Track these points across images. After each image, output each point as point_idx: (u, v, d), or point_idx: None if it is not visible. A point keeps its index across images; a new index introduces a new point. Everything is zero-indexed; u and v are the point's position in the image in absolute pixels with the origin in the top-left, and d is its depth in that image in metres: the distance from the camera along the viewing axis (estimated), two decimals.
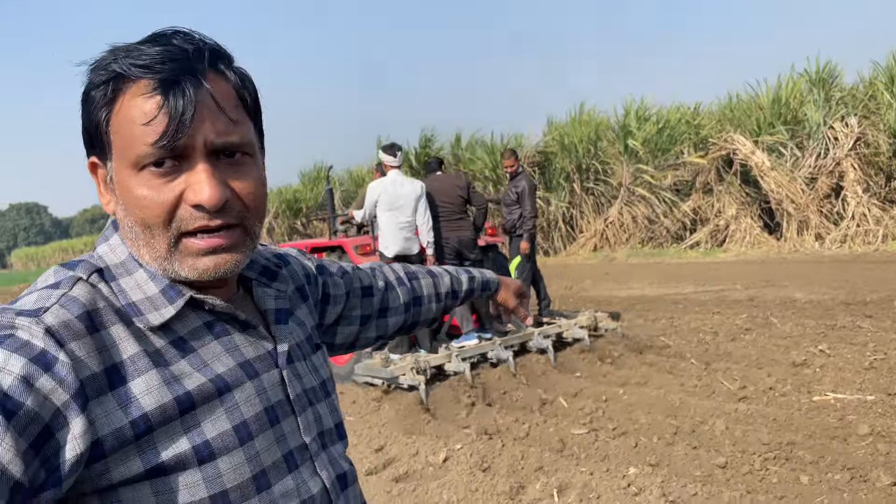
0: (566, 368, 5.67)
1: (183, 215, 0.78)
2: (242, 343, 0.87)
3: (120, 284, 0.81)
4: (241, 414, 0.81)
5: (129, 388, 0.74)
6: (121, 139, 0.77)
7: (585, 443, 4.03)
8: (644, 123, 16.08)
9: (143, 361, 0.76)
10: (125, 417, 0.72)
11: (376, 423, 4.86)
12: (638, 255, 14.93)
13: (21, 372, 0.66)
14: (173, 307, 0.80)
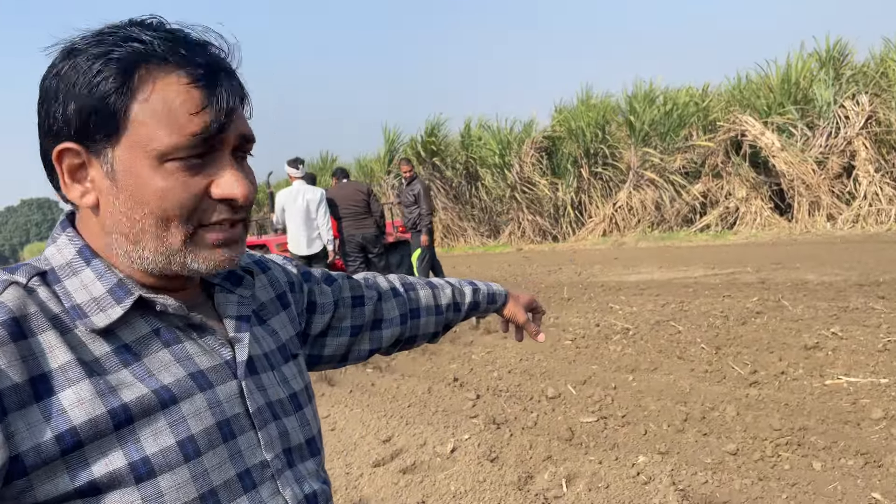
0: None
1: (205, 208, 0.77)
2: (196, 352, 0.81)
3: (64, 286, 0.76)
4: (187, 428, 0.75)
5: (58, 400, 0.68)
6: (146, 128, 0.72)
7: (594, 431, 3.99)
8: (651, 105, 15.92)
9: (76, 371, 0.70)
10: (50, 431, 0.67)
11: (384, 414, 4.84)
12: (647, 239, 14.83)
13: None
14: (121, 307, 0.75)
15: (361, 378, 5.89)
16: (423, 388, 5.27)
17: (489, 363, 5.77)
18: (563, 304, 7.94)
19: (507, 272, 12.16)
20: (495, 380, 5.26)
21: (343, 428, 4.73)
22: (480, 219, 19.70)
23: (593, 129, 16.65)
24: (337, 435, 4.61)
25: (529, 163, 17.24)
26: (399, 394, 5.28)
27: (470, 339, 6.72)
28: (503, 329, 1.45)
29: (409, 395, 5.18)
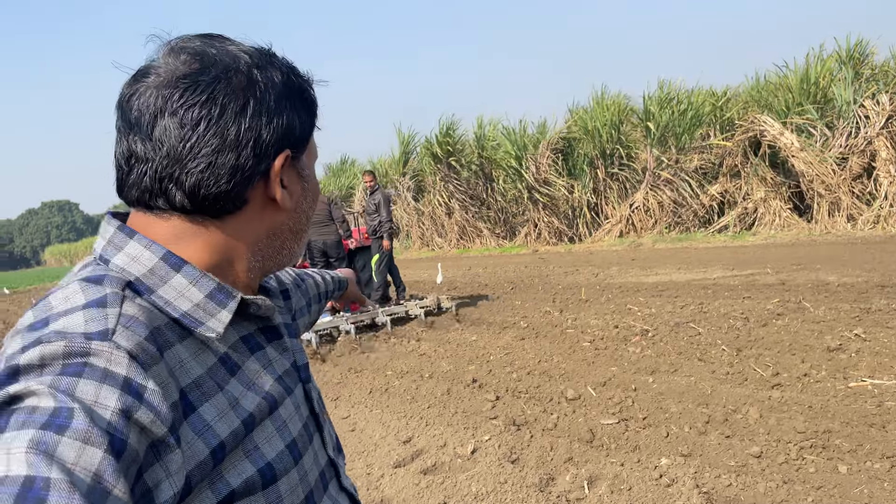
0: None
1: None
2: (274, 357, 0.83)
3: (161, 296, 0.72)
4: (289, 432, 0.77)
5: (202, 415, 0.68)
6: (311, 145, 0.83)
7: (615, 433, 3.97)
8: (667, 106, 15.84)
9: (209, 383, 0.70)
10: (205, 448, 0.66)
11: (403, 415, 4.85)
12: (665, 240, 14.75)
13: (118, 405, 0.58)
14: (227, 310, 0.74)
15: (380, 379, 5.90)
16: (442, 390, 5.28)
17: (507, 364, 5.76)
18: (580, 306, 7.92)
19: (524, 273, 12.14)
20: (514, 381, 5.26)
21: (363, 429, 4.74)
22: (496, 220, 19.69)
23: (609, 129, 16.60)
24: (357, 435, 4.63)
25: (545, 164, 17.20)
26: (418, 395, 5.29)
27: (486, 341, 6.72)
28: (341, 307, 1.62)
29: (429, 397, 5.19)
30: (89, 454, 0.52)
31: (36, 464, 0.49)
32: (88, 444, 0.53)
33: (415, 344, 7.10)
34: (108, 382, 0.58)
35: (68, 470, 0.50)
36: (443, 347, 6.74)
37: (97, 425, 0.54)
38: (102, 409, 0.56)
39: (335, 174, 27.52)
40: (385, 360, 6.58)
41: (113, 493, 0.52)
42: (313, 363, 6.91)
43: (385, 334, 7.77)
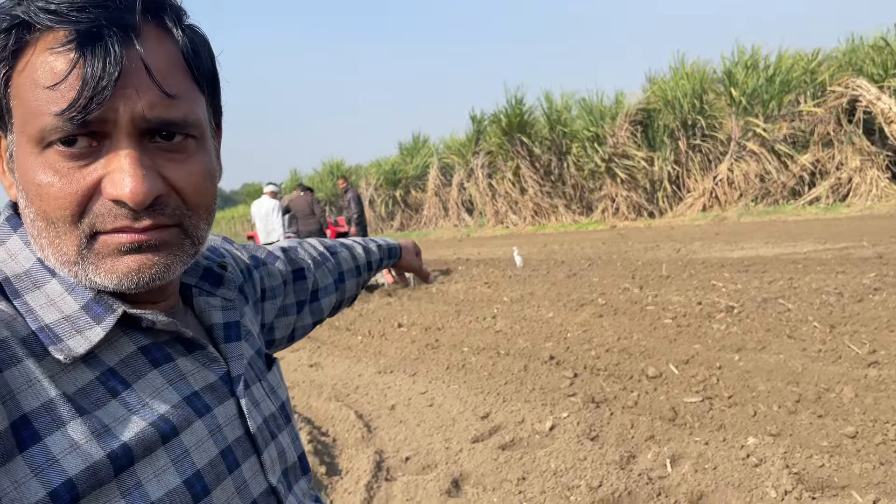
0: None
1: (99, 210, 0.60)
2: (189, 370, 0.68)
3: (27, 302, 0.61)
4: (192, 463, 0.63)
5: (46, 447, 0.54)
6: (22, 105, 0.59)
7: (699, 412, 3.86)
8: (753, 71, 15.10)
9: (64, 408, 0.57)
10: (42, 488, 0.53)
11: (480, 391, 4.87)
12: (751, 213, 14.16)
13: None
14: (101, 327, 0.61)
15: (457, 355, 5.94)
16: (519, 366, 5.27)
17: (585, 342, 5.69)
18: (661, 282, 7.72)
19: (602, 249, 11.92)
20: (592, 358, 5.18)
21: (441, 404, 4.79)
22: (571, 195, 19.38)
23: (690, 98, 15.99)
24: (435, 410, 4.68)
25: (624, 136, 16.77)
26: (495, 371, 5.30)
27: (563, 318, 6.65)
28: (399, 279, 1.43)
29: (505, 373, 5.19)
30: None
31: None
32: None
33: (490, 321, 7.10)
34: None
35: None
36: (519, 324, 6.71)
37: None
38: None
39: (409, 153, 27.69)
40: (462, 336, 6.61)
41: None
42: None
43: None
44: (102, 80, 0.56)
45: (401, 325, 7.79)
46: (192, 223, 0.65)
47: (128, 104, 0.58)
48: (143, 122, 0.59)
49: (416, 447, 4.07)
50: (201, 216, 0.66)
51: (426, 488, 3.51)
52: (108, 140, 0.59)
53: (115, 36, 0.57)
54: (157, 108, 0.60)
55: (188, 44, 0.64)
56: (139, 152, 0.60)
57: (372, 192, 28.60)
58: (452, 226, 24.18)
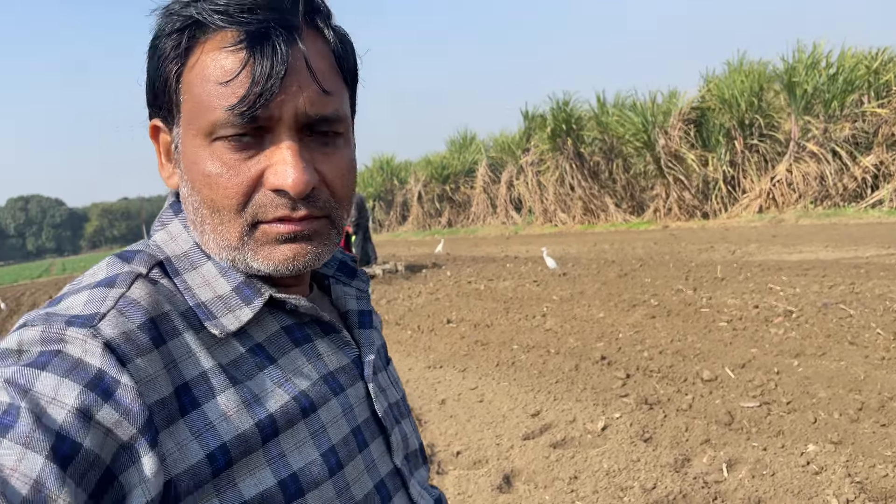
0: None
1: (261, 201, 0.64)
2: (325, 351, 0.73)
3: (185, 281, 0.66)
4: (328, 438, 0.67)
5: (204, 413, 0.59)
6: (193, 100, 0.63)
7: (756, 417, 3.79)
8: (814, 71, 14.64)
9: (219, 378, 0.62)
10: (201, 450, 0.58)
11: (530, 389, 4.86)
12: (810, 215, 13.76)
13: (76, 403, 0.52)
14: (250, 308, 0.66)
15: (506, 353, 5.94)
16: (569, 365, 5.24)
17: (637, 342, 5.62)
18: (716, 284, 7.57)
19: (654, 250, 11.75)
20: (645, 360, 5.13)
21: (491, 400, 4.81)
22: (622, 195, 19.13)
23: (748, 97, 15.60)
24: (486, 406, 4.69)
25: (677, 135, 16.47)
26: (545, 370, 5.28)
27: (615, 318, 6.58)
28: None
29: (556, 372, 5.17)
30: (30, 460, 0.47)
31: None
32: (29, 449, 0.48)
33: (540, 319, 7.08)
34: (72, 377, 0.53)
35: (3, 478, 0.46)
36: (569, 324, 6.68)
37: (44, 427, 0.49)
38: (57, 408, 0.51)
39: (458, 150, 27.72)
40: (511, 334, 6.61)
41: (58, 502, 0.47)
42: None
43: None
44: (270, 78, 0.60)
45: (450, 321, 7.83)
46: (338, 214, 0.69)
47: (291, 101, 0.62)
48: (303, 118, 0.64)
49: (466, 442, 4.10)
50: (344, 208, 0.70)
51: (477, 483, 3.53)
52: (270, 134, 0.63)
53: (282, 36, 0.61)
54: (316, 104, 0.64)
55: (338, 43, 0.68)
56: (299, 146, 0.64)
57: (420, 188, 28.73)
58: (500, 223, 24.13)
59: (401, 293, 10.75)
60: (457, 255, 16.06)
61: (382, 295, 10.91)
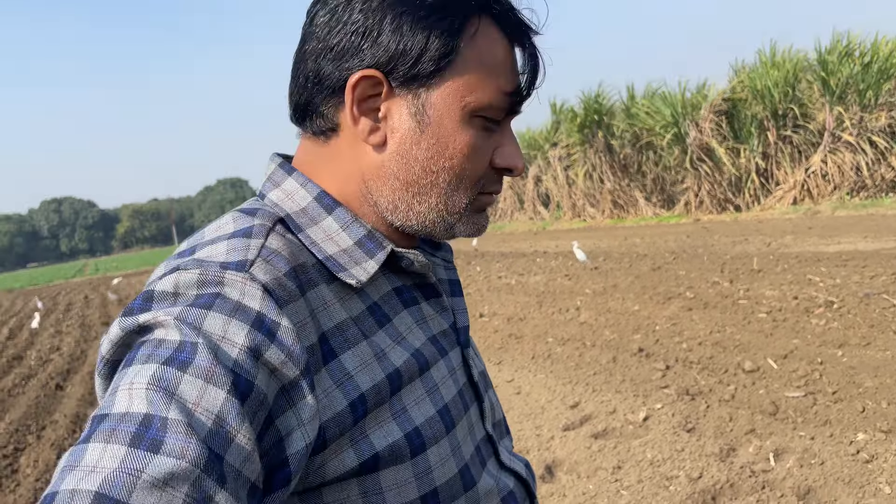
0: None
1: (489, 176, 0.72)
2: (429, 314, 0.74)
3: (309, 235, 0.67)
4: (441, 397, 0.68)
5: (342, 363, 0.61)
6: (467, 77, 0.66)
7: (802, 406, 3.73)
8: (848, 59, 14.34)
9: (352, 330, 0.63)
10: (344, 399, 0.59)
11: (568, 381, 4.85)
12: (846, 206, 13.50)
13: (246, 342, 0.53)
14: (374, 261, 0.67)
15: (541, 346, 5.93)
16: (607, 358, 5.21)
17: (676, 334, 5.57)
18: (753, 276, 7.47)
19: (686, 243, 11.63)
20: (685, 351, 5.08)
21: (529, 392, 4.80)
22: (652, 188, 18.94)
23: (782, 87, 15.33)
24: (523, 398, 4.69)
25: (708, 127, 16.25)
26: (582, 362, 5.26)
27: (650, 311, 6.53)
28: None
29: (593, 364, 5.15)
30: (212, 394, 0.48)
31: (155, 402, 0.47)
32: (211, 384, 0.49)
33: (574, 312, 7.05)
34: (237, 317, 0.54)
35: (188, 410, 0.47)
36: (604, 317, 6.64)
37: (221, 363, 0.50)
38: (229, 346, 0.52)
39: None
40: (545, 327, 6.59)
41: (236, 439, 0.48)
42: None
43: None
44: (536, 70, 0.71)
45: (482, 315, 7.83)
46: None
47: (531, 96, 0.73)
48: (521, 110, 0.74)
49: None
50: None
51: None
52: (505, 120, 0.72)
53: (531, 35, 0.71)
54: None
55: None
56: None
57: None
58: (528, 219, 24.05)
59: None
60: (485, 250, 16.05)
61: None
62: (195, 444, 0.45)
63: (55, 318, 14.56)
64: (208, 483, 0.44)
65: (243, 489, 0.48)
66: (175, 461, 0.44)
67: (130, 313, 0.55)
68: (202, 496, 0.44)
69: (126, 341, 0.54)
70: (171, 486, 0.43)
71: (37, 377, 8.11)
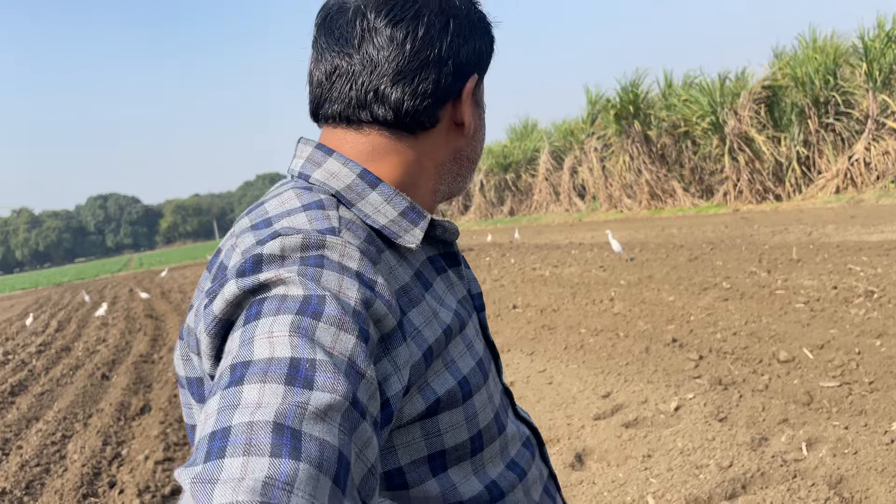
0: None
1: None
2: (454, 281, 0.82)
3: (360, 208, 0.73)
4: (476, 351, 0.77)
5: (411, 319, 0.68)
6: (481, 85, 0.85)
7: (837, 396, 3.69)
8: (891, 45, 13.91)
9: (415, 291, 0.72)
10: (418, 349, 0.66)
11: (600, 371, 4.86)
12: (891, 195, 13.13)
13: (359, 296, 0.59)
14: (419, 228, 0.75)
15: (574, 337, 5.94)
16: (639, 348, 5.20)
17: (710, 325, 5.53)
18: (792, 266, 7.35)
19: (724, 233, 11.46)
20: (718, 341, 5.04)
21: (560, 382, 4.82)
22: (690, 179, 18.66)
23: (823, 74, 14.96)
24: (555, 388, 4.72)
25: (747, 116, 15.93)
26: (615, 352, 5.26)
27: (685, 301, 6.48)
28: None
29: (626, 354, 5.14)
30: (344, 339, 0.54)
31: (300, 346, 0.51)
32: (342, 330, 0.54)
33: (608, 303, 7.03)
34: (346, 274, 0.60)
35: (328, 353, 0.52)
36: (638, 307, 6.61)
37: (347, 313, 0.56)
38: (347, 299, 0.58)
39: (518, 137, 27.55)
40: (578, 318, 6.59)
41: (366, 377, 0.53)
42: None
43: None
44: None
45: (515, 306, 7.85)
46: None
47: None
48: None
49: (537, 422, 4.13)
50: None
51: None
52: None
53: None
54: None
55: None
56: None
57: (482, 177, 28.71)
58: (564, 210, 23.91)
59: None
60: (520, 242, 16.02)
61: None
62: (343, 381, 0.50)
63: (98, 310, 14.99)
64: (354, 415, 0.50)
65: (371, 423, 0.53)
66: (330, 395, 0.49)
67: (244, 274, 0.59)
68: (351, 426, 0.49)
69: (240, 300, 0.58)
70: (330, 416, 0.48)
71: (84, 367, 8.41)
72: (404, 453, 0.69)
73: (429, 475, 0.70)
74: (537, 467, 0.84)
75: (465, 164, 0.84)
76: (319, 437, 0.46)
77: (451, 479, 0.72)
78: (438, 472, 0.71)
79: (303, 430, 0.45)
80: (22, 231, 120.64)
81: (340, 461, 0.46)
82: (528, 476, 0.81)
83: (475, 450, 0.73)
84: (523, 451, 0.82)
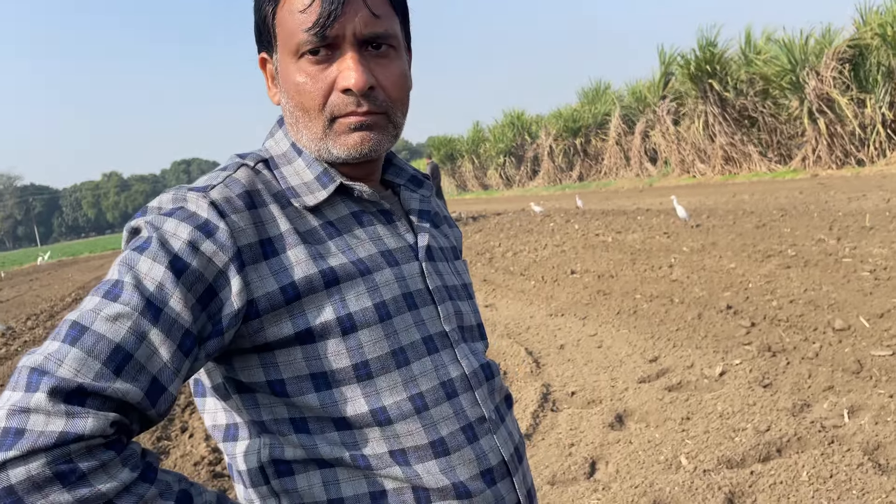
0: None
1: (335, 101, 0.85)
2: (385, 234, 0.93)
3: (282, 172, 0.90)
4: (380, 294, 0.87)
5: (281, 259, 0.82)
6: (283, 30, 0.86)
7: (888, 365, 3.63)
8: None
9: (293, 238, 0.84)
10: (276, 283, 0.81)
11: (650, 336, 4.88)
12: None
13: (188, 237, 0.77)
14: (325, 191, 0.88)
15: (629, 302, 5.95)
16: (692, 314, 5.18)
17: (768, 292, 5.44)
18: (862, 233, 7.09)
19: (798, 200, 11.07)
20: (774, 309, 4.97)
21: (610, 346, 4.88)
22: (767, 142, 17.95)
23: None
24: (604, 352, 4.78)
25: (829, 76, 15.14)
26: (667, 318, 5.26)
27: (746, 268, 6.36)
28: None
29: (678, 320, 5.14)
30: (156, 269, 0.74)
31: (120, 271, 0.74)
32: (156, 262, 0.74)
33: (666, 270, 6.98)
34: (187, 221, 0.78)
35: (139, 278, 0.73)
36: (696, 274, 6.54)
37: (165, 249, 0.75)
38: (175, 240, 0.76)
39: (590, 101, 27.02)
40: (635, 284, 6.58)
41: (171, 299, 0.73)
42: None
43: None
44: (334, 6, 0.82)
45: (574, 272, 7.88)
46: (394, 112, 0.90)
47: (350, 22, 0.83)
48: (360, 35, 0.85)
49: (582, 383, 4.22)
50: (398, 108, 0.91)
51: (590, 420, 3.66)
52: (339, 50, 0.86)
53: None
54: (369, 24, 0.85)
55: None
56: (359, 56, 0.85)
57: (551, 142, 28.37)
58: (634, 175, 23.45)
59: (526, 246, 10.86)
60: (586, 208, 15.87)
61: (509, 248, 11.07)
62: (137, 297, 0.72)
63: None
64: (143, 322, 0.71)
65: (178, 331, 0.73)
66: (122, 306, 0.71)
67: (131, 219, 0.83)
68: (139, 330, 0.71)
69: (127, 238, 0.82)
70: (118, 321, 0.70)
71: None
72: (286, 369, 0.83)
73: (311, 390, 0.83)
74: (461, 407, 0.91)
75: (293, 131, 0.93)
76: (98, 333, 0.68)
77: (334, 396, 0.84)
78: (322, 389, 0.83)
79: (91, 327, 0.68)
80: (112, 194, 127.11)
81: (117, 351, 0.68)
82: (433, 411, 0.88)
83: (361, 377, 0.84)
84: (439, 389, 0.90)
